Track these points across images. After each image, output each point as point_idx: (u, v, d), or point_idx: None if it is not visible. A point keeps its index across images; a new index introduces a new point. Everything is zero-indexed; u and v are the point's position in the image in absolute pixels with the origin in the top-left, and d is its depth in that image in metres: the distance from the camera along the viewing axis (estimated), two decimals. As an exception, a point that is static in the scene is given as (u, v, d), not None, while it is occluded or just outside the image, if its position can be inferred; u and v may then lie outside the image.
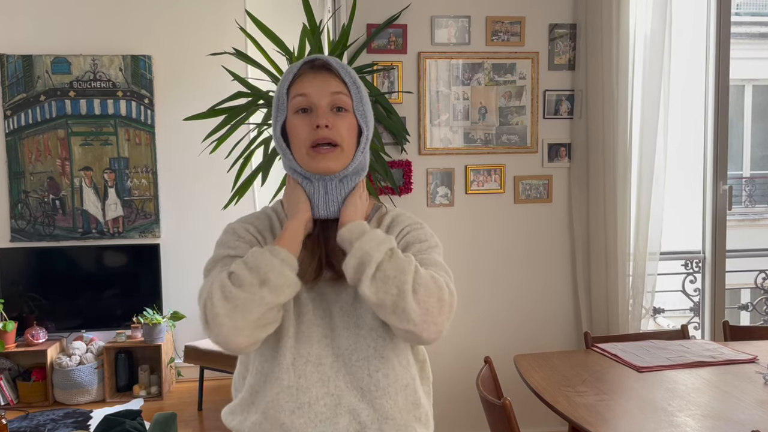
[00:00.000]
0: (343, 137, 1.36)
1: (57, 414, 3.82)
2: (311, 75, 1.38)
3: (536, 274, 3.70)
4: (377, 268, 1.24)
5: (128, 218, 4.07)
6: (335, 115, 1.36)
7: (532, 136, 3.63)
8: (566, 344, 3.73)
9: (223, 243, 1.44)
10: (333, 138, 1.35)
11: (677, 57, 3.80)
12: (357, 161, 1.40)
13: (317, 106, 1.36)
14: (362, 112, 1.41)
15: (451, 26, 3.54)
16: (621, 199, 3.54)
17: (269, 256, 1.26)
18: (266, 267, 1.25)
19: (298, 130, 1.37)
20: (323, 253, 1.40)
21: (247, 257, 1.28)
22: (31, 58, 3.89)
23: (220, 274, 1.29)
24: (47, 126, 3.90)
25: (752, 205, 11.12)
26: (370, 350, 1.36)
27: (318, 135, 1.34)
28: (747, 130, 11.01)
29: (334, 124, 1.35)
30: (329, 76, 1.38)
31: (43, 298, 4.04)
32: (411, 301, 1.23)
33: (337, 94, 1.37)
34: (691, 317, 3.99)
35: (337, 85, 1.38)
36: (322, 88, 1.37)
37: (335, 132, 1.35)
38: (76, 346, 4.04)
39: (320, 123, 1.34)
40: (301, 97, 1.37)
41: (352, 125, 1.39)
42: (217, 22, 3.95)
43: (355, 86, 1.39)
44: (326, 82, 1.37)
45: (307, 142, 1.35)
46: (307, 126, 1.35)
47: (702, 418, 2.15)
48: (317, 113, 1.35)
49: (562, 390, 2.43)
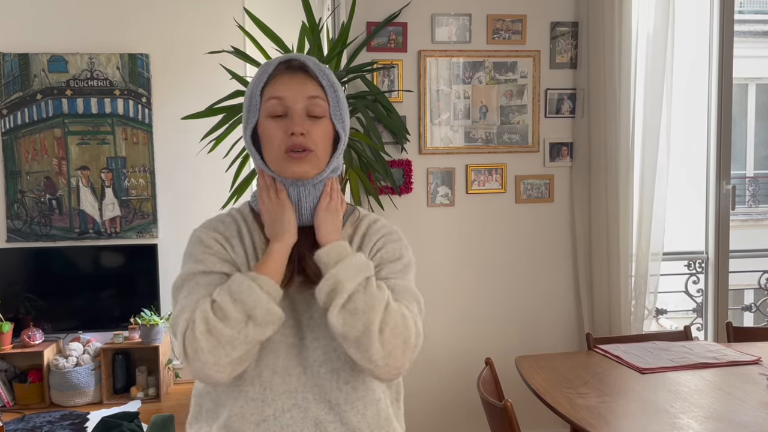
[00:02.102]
0: (318, 144, 1.31)
1: (54, 416, 3.79)
2: (287, 77, 1.32)
3: (538, 275, 3.68)
4: (348, 299, 1.21)
5: (126, 218, 4.04)
6: (311, 121, 1.31)
7: (533, 135, 3.62)
8: (568, 345, 3.72)
9: (190, 255, 1.38)
10: (307, 145, 1.30)
11: (680, 55, 3.78)
12: (332, 166, 1.36)
13: (293, 110, 1.30)
14: (339, 117, 1.35)
15: (451, 24, 3.52)
16: (623, 198, 3.53)
17: (257, 290, 1.21)
18: (253, 302, 1.20)
19: (271, 136, 1.31)
20: (295, 259, 1.34)
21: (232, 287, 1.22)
22: (27, 56, 3.86)
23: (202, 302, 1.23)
24: (44, 125, 3.87)
25: (756, 204, 11.11)
26: (340, 362, 1.31)
27: (292, 142, 1.29)
28: (750, 129, 11.01)
29: (310, 130, 1.30)
30: (306, 78, 1.32)
31: (39, 299, 4.01)
32: (375, 341, 1.20)
33: (314, 99, 1.31)
34: (694, 318, 3.98)
35: (314, 89, 1.32)
36: (299, 92, 1.31)
37: (309, 139, 1.30)
38: (72, 348, 4.01)
39: (295, 130, 1.28)
40: (275, 100, 1.31)
41: (328, 131, 1.34)
42: (216, 20, 3.93)
43: (332, 90, 1.34)
44: (303, 86, 1.31)
45: (281, 148, 1.30)
46: (282, 132, 1.30)
47: (705, 420, 2.15)
48: (292, 119, 1.30)
49: (563, 391, 2.44)
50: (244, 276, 1.24)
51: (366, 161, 3.17)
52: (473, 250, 3.62)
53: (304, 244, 1.33)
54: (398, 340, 1.22)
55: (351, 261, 1.25)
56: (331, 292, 1.22)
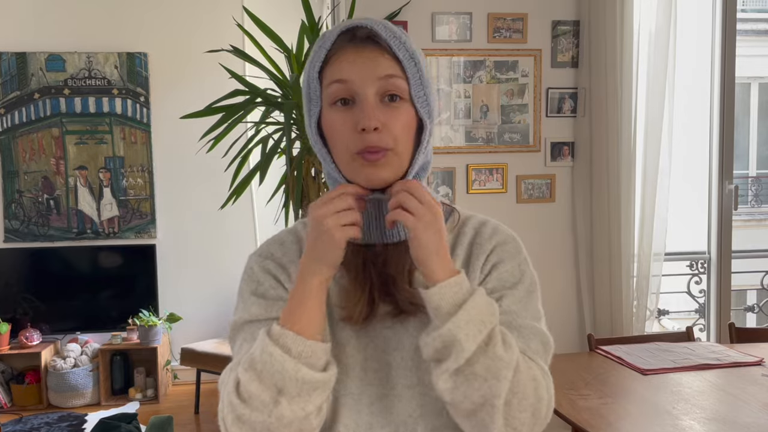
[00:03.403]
0: (398, 138, 1.00)
1: (51, 417, 3.79)
2: (352, 53, 1.00)
3: (538, 275, 3.63)
4: (466, 363, 0.93)
5: (124, 218, 4.04)
6: (387, 108, 1.00)
7: (534, 134, 3.60)
8: (569, 346, 3.70)
9: (240, 294, 1.11)
10: (384, 144, 0.99)
11: (682, 54, 3.77)
12: (418, 164, 1.04)
13: (362, 97, 0.99)
14: (423, 99, 1.03)
15: (452, 23, 3.50)
16: (625, 198, 3.51)
17: (280, 356, 0.94)
18: (278, 374, 0.94)
19: (337, 132, 1.01)
20: (376, 284, 1.05)
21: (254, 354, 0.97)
22: (25, 55, 3.86)
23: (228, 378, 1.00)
24: (41, 124, 3.87)
25: (758, 204, 11.11)
26: (443, 419, 1.02)
27: (365, 142, 0.98)
28: (753, 128, 11.01)
29: (386, 122, 0.99)
30: (377, 52, 1.00)
31: (37, 300, 4.01)
32: (498, 416, 0.93)
33: (390, 79, 1.00)
34: (696, 319, 3.97)
35: (388, 66, 1.00)
36: (369, 72, 0.99)
37: (386, 134, 0.99)
38: (70, 349, 4.01)
39: (367, 125, 0.97)
40: (338, 84, 1.00)
41: (410, 119, 1.02)
42: (215, 19, 3.92)
43: (412, 63, 1.02)
44: (373, 63, 0.99)
45: (350, 148, 1.00)
46: (350, 126, 0.99)
47: (707, 422, 2.13)
48: (362, 109, 0.98)
49: (565, 393, 2.43)
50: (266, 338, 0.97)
51: (366, 161, 3.14)
52: (474, 251, 3.59)
53: (393, 265, 1.04)
54: (526, 414, 0.95)
55: (472, 309, 0.94)
56: (444, 349, 0.94)
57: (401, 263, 1.04)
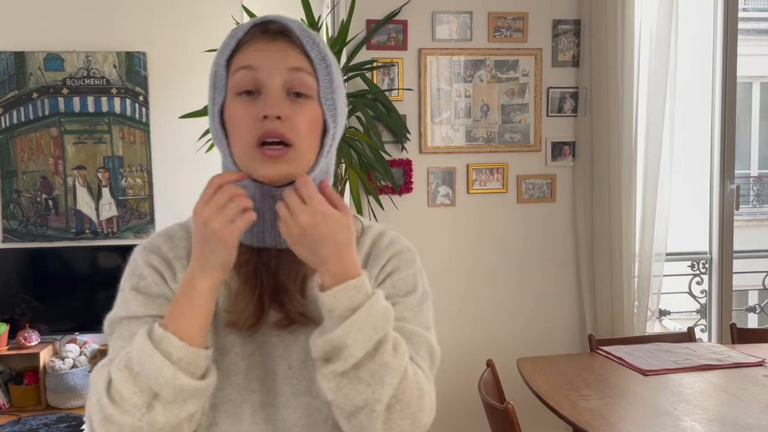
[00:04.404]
0: (300, 134, 0.96)
1: (50, 418, 3.77)
2: (263, 42, 0.98)
3: (539, 276, 3.66)
4: (352, 367, 0.91)
5: (123, 218, 4.01)
6: (292, 103, 0.96)
7: (535, 134, 3.59)
8: (570, 347, 3.70)
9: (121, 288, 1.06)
10: (285, 134, 0.95)
11: (683, 53, 3.77)
12: (319, 167, 1.01)
13: (268, 87, 0.96)
14: (330, 101, 1.00)
15: (452, 22, 3.49)
16: (626, 198, 3.51)
17: (159, 361, 0.90)
18: (155, 379, 0.90)
19: (238, 121, 0.97)
20: (267, 290, 1.01)
21: (131, 354, 0.92)
22: (23, 54, 3.84)
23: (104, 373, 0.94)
24: (40, 124, 3.85)
25: (760, 204, 11.11)
26: (327, 428, 1.01)
27: (264, 128, 0.94)
28: (755, 128, 11.00)
29: (289, 114, 0.95)
30: (288, 45, 0.98)
31: (35, 300, 3.98)
32: (378, 420, 0.92)
33: (298, 72, 0.97)
34: (697, 319, 3.97)
35: (297, 59, 0.97)
36: (277, 62, 0.96)
37: (289, 126, 0.95)
38: (69, 349, 3.99)
39: (269, 113, 0.94)
40: (245, 70, 0.96)
41: (315, 117, 0.98)
42: (214, 18, 3.90)
43: (323, 63, 0.99)
44: (283, 54, 0.97)
45: (249, 138, 0.95)
46: (251, 115, 0.95)
47: (709, 423, 2.14)
48: (266, 97, 0.95)
49: (565, 394, 2.44)
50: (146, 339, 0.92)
51: (366, 160, 3.15)
52: (474, 251, 3.59)
53: (285, 272, 1.01)
54: (407, 422, 0.93)
55: (366, 315, 0.92)
56: (331, 352, 0.92)
57: (294, 271, 1.01)
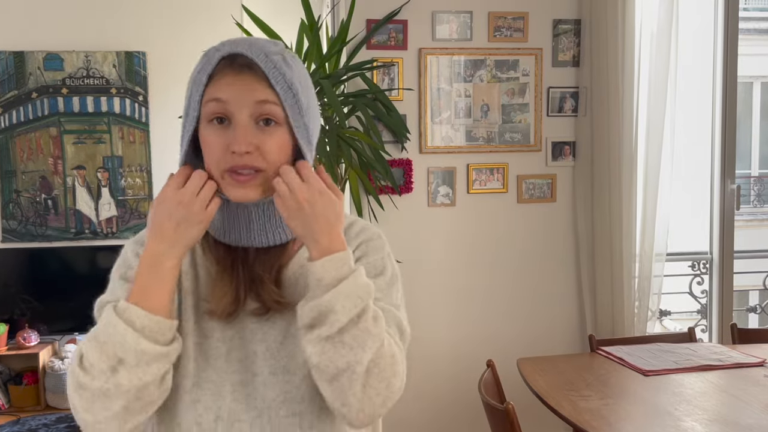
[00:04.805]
0: (270, 160, 1.05)
1: (49, 419, 3.76)
2: (231, 75, 1.05)
3: (539, 276, 3.65)
4: (337, 332, 0.99)
5: (122, 218, 4.00)
6: (260, 131, 1.04)
7: (535, 134, 3.59)
8: (570, 347, 3.69)
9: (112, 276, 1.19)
10: (255, 165, 1.04)
11: (684, 53, 3.76)
12: None
13: (237, 119, 1.04)
14: (302, 128, 1.07)
15: (452, 22, 3.49)
16: (627, 198, 3.51)
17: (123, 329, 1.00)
18: (119, 345, 1.00)
19: (210, 148, 1.06)
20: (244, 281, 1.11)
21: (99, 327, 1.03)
22: (22, 54, 3.83)
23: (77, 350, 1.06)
24: (39, 124, 3.84)
25: (761, 204, 11.10)
26: (304, 404, 1.08)
27: (234, 161, 1.04)
28: (755, 128, 11.00)
29: (259, 144, 1.04)
30: (254, 79, 1.05)
31: (34, 300, 3.97)
32: (357, 382, 1.00)
33: (264, 104, 1.04)
34: (698, 320, 3.96)
35: (263, 93, 1.04)
36: (244, 96, 1.04)
37: (258, 156, 1.04)
38: (68, 349, 3.98)
39: (236, 149, 1.02)
40: (215, 102, 1.05)
41: (284, 142, 1.06)
42: (213, 18, 3.90)
43: (290, 93, 1.05)
44: (249, 88, 1.04)
45: (220, 166, 1.05)
46: (222, 144, 1.04)
47: (709, 423, 2.14)
48: (235, 131, 1.03)
49: (566, 394, 2.44)
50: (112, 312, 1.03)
51: (366, 160, 3.14)
52: (474, 251, 3.58)
53: (261, 265, 1.11)
54: (382, 385, 1.01)
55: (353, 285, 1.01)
56: (319, 317, 1.00)
57: (269, 263, 1.12)
